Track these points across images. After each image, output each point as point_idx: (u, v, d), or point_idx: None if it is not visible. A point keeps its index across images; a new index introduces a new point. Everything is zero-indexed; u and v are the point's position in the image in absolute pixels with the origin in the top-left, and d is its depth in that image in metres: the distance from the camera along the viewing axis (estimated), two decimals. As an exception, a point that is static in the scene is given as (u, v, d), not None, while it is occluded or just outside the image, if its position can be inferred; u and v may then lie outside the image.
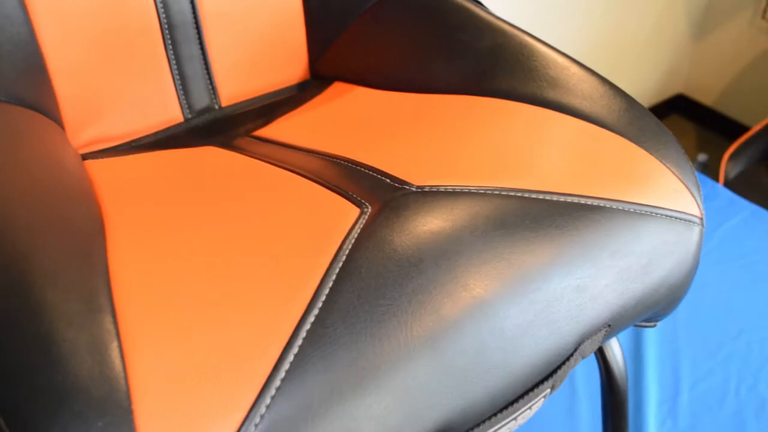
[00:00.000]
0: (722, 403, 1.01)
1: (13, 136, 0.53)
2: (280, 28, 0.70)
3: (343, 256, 0.43)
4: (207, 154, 0.61)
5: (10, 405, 0.35)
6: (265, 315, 0.39)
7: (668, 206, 0.50)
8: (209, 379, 0.36)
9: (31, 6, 0.57)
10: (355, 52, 0.70)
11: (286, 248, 0.44)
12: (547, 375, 0.45)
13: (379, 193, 0.48)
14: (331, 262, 0.42)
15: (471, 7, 0.65)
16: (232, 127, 0.67)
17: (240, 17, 0.67)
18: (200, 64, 0.67)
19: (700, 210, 0.52)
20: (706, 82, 1.84)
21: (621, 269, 0.47)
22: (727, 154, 1.54)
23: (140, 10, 0.63)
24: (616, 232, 0.47)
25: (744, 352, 1.08)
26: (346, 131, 0.60)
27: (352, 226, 0.45)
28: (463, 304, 0.41)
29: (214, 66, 0.68)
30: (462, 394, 0.41)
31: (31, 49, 0.58)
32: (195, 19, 0.65)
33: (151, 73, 0.65)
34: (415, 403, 0.39)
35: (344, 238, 0.44)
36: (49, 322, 0.38)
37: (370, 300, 0.40)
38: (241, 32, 0.68)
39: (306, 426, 0.36)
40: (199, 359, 0.37)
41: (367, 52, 0.69)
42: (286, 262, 0.43)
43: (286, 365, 0.37)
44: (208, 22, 0.66)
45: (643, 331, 1.10)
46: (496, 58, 0.61)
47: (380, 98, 0.65)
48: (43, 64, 0.59)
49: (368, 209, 0.46)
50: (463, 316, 0.41)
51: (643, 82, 1.78)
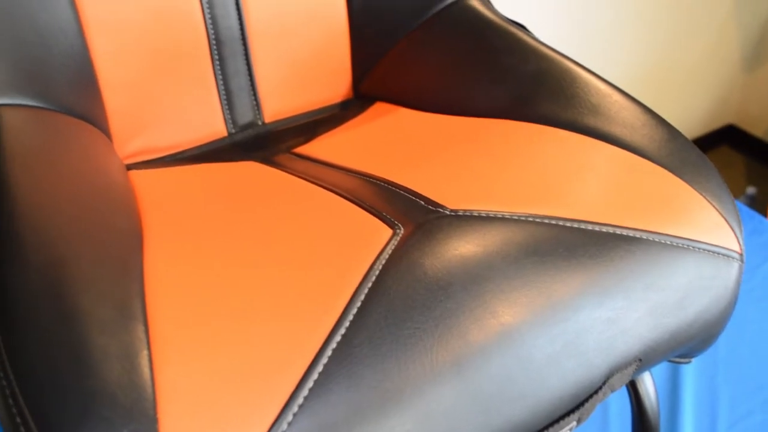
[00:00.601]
0: (761, 444, 0.99)
1: (61, 144, 0.54)
2: (325, 47, 0.71)
3: (373, 277, 0.43)
4: (247, 169, 0.62)
5: (40, 406, 0.36)
6: (292, 331, 0.40)
7: (706, 240, 0.49)
8: (234, 392, 0.37)
9: (85, 20, 0.59)
10: (399, 73, 0.70)
11: (318, 265, 0.45)
12: (574, 407, 0.44)
13: (413, 215, 0.48)
14: (360, 282, 0.43)
15: (515, 32, 0.65)
16: (273, 143, 0.68)
17: (286, 35, 0.69)
18: (246, 80, 0.68)
19: (740, 245, 0.51)
20: (758, 114, 1.80)
21: (655, 303, 0.46)
22: (777, 188, 1.50)
23: (190, 26, 0.64)
24: (651, 265, 0.47)
25: (786, 394, 1.05)
26: (386, 151, 0.60)
27: (384, 247, 0.45)
28: (491, 331, 0.41)
29: (259, 82, 0.69)
30: (485, 422, 0.40)
31: (84, 62, 0.60)
32: (242, 35, 0.66)
33: (198, 88, 0.67)
34: (438, 428, 0.39)
35: (375, 258, 0.44)
36: (82, 327, 0.39)
37: (398, 322, 0.40)
38: (286, 50, 0.69)
39: (327, 445, 0.36)
40: (225, 372, 0.38)
41: (411, 74, 0.69)
42: (316, 279, 0.43)
43: (310, 383, 0.37)
44: (255, 39, 0.67)
45: (680, 366, 1.08)
46: (538, 83, 0.60)
47: (421, 120, 0.65)
48: (94, 76, 0.61)
49: (401, 231, 0.47)
50: (490, 343, 0.41)
51: (693, 111, 1.76)
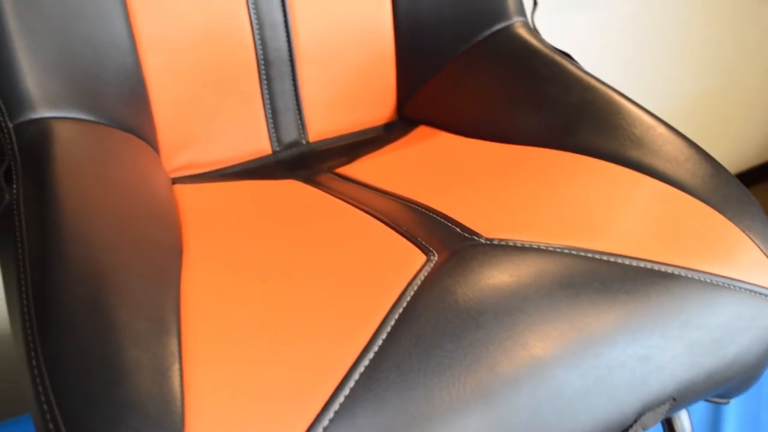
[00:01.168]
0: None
1: (109, 158, 0.56)
2: (371, 69, 0.72)
3: (404, 302, 0.43)
4: (289, 188, 0.62)
5: (72, 413, 0.37)
6: (321, 353, 0.40)
7: (748, 279, 0.48)
8: (260, 410, 0.37)
9: (139, 37, 0.61)
10: (443, 98, 0.71)
11: (351, 288, 0.45)
12: (604, 443, 0.44)
13: (448, 242, 0.48)
14: (392, 307, 0.43)
15: (561, 61, 0.65)
16: (316, 163, 0.69)
17: (333, 57, 0.70)
18: (292, 99, 0.69)
19: (782, 286, 0.50)
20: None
21: (691, 341, 0.45)
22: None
23: (240, 46, 0.66)
24: (689, 302, 0.46)
25: (834, 439, 1.02)
26: (426, 176, 0.61)
27: (417, 273, 0.45)
28: (521, 363, 0.41)
29: (305, 102, 0.70)
30: (511, 454, 0.40)
31: (136, 78, 0.62)
32: (290, 56, 0.68)
33: (245, 106, 0.68)
34: (462, 458, 0.39)
35: (408, 284, 0.44)
36: (117, 339, 0.40)
37: (426, 349, 0.40)
38: (333, 71, 0.70)
39: (350, 469, 0.37)
40: (253, 390, 0.38)
41: (455, 98, 0.70)
42: (348, 302, 0.44)
43: (336, 406, 0.38)
44: (303, 60, 0.68)
45: (722, 406, 1.05)
46: (582, 113, 0.60)
47: (463, 145, 0.65)
48: (145, 92, 0.63)
49: (435, 257, 0.47)
50: (520, 375, 0.41)
51: (740, 144, 1.72)
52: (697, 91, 1.51)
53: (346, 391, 0.38)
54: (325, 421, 0.37)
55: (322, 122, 0.71)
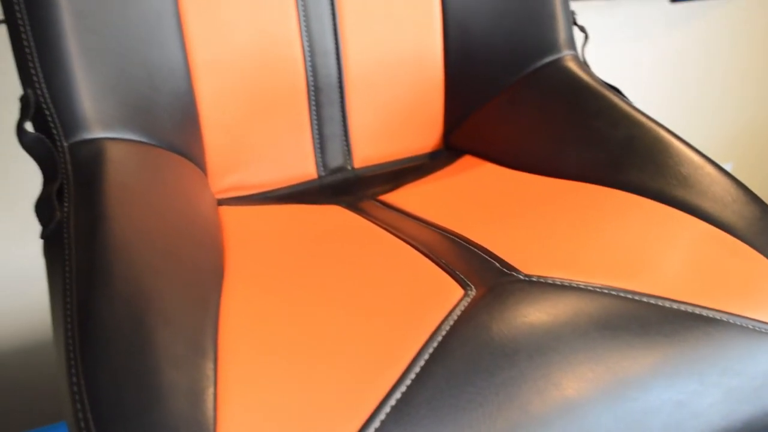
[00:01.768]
0: None
1: (158, 179, 0.57)
2: (420, 97, 0.72)
3: (439, 336, 0.43)
4: (332, 213, 0.63)
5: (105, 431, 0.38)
6: (353, 383, 0.40)
7: (792, 328, 0.47)
8: (290, 440, 0.37)
9: (194, 62, 0.62)
10: (490, 128, 0.71)
11: (387, 319, 0.45)
12: (637, 489, 0.43)
13: (486, 277, 0.48)
14: (426, 340, 0.43)
15: (609, 95, 0.64)
16: (360, 189, 0.69)
17: (383, 85, 0.70)
18: (339, 126, 0.70)
19: (829, 336, 0.48)
20: None
21: (730, 389, 0.44)
22: None
23: (291, 72, 0.67)
24: (729, 349, 0.45)
25: None
26: (468, 207, 0.61)
27: (454, 307, 0.45)
28: (553, 404, 0.40)
29: (352, 129, 0.71)
30: (540, 496, 0.40)
31: (188, 101, 0.63)
32: (340, 83, 0.69)
33: (294, 131, 0.69)
34: (489, 497, 0.39)
35: (444, 318, 0.44)
36: (155, 361, 0.41)
37: (459, 386, 0.40)
38: (381, 99, 0.71)
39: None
40: (283, 417, 0.38)
41: (501, 130, 0.70)
42: (384, 333, 0.44)
43: (366, 438, 0.38)
44: (352, 87, 0.69)
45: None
46: (629, 149, 0.60)
47: (508, 177, 0.65)
48: (197, 115, 0.64)
49: (472, 292, 0.47)
50: (551, 416, 0.40)
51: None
52: (740, 122, 1.49)
53: (377, 424, 0.38)
54: (354, 454, 0.37)
55: (368, 149, 0.72)
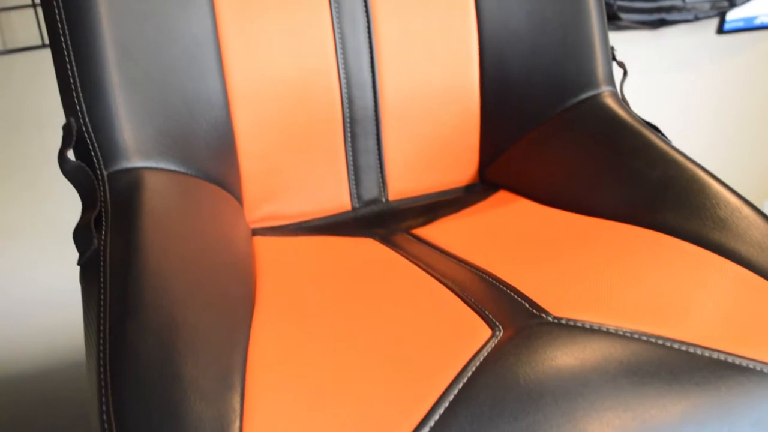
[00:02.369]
0: None
1: (194, 209, 0.58)
2: (455, 131, 0.72)
3: (465, 378, 0.43)
4: (365, 247, 0.63)
5: None
6: (378, 422, 0.40)
7: (831, 380, 0.46)
8: (311, 479, 0.37)
9: (232, 92, 0.64)
10: (525, 164, 0.71)
11: (414, 356, 0.45)
12: None
13: (515, 318, 0.48)
14: (452, 381, 0.43)
15: (647, 134, 0.64)
16: (394, 222, 0.69)
17: (419, 118, 0.71)
18: (375, 158, 0.71)
19: None
20: None
21: (763, 441, 0.43)
22: None
23: (328, 104, 0.68)
24: (762, 399, 0.44)
25: None
26: (501, 244, 0.60)
27: (481, 348, 0.45)
28: (578, 451, 0.40)
29: (387, 161, 0.71)
30: None
31: (226, 131, 0.64)
32: (376, 115, 0.69)
33: (329, 162, 0.70)
34: None
35: (470, 358, 0.44)
36: (183, 392, 0.41)
37: (483, 429, 0.40)
38: (417, 132, 0.71)
39: None
40: (307, 457, 0.39)
41: (537, 165, 0.69)
42: (409, 371, 0.44)
43: (387, 481, 0.38)
44: (388, 119, 0.70)
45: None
46: (665, 190, 0.59)
47: (542, 214, 0.65)
48: (234, 145, 0.65)
49: (500, 332, 0.46)
50: (576, 463, 0.40)
51: None
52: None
53: (399, 465, 0.38)
54: (374, 495, 0.37)
55: (403, 181, 0.72)
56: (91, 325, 0.49)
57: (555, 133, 0.69)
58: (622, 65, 0.71)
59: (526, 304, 0.49)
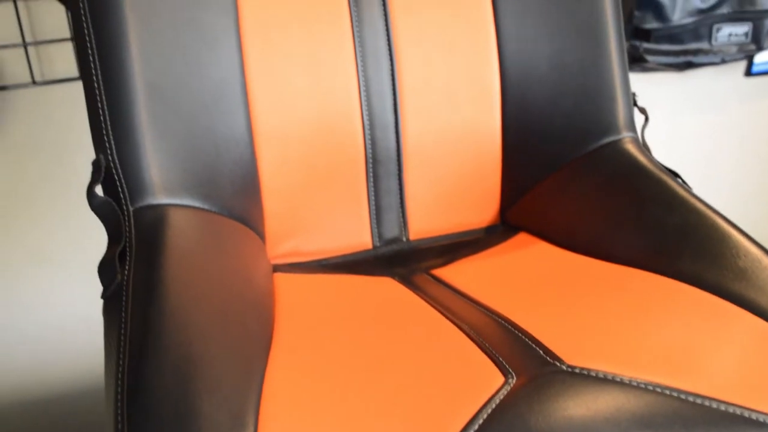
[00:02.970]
0: None
1: (216, 246, 0.59)
2: (477, 172, 0.73)
3: (476, 425, 0.43)
4: (384, 287, 0.64)
5: None
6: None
7: None
8: None
9: (257, 131, 0.65)
10: (546, 207, 0.71)
11: (426, 401, 0.45)
12: None
13: (529, 366, 0.48)
14: (463, 428, 0.43)
15: (666, 180, 0.64)
16: (414, 261, 0.70)
17: (440, 159, 0.71)
18: (396, 198, 0.71)
19: None
20: None
21: (778, 499, 0.43)
22: None
23: (351, 143, 0.69)
24: (778, 457, 0.43)
25: None
26: (518, 288, 0.61)
27: (493, 395, 0.45)
28: (588, 503, 0.40)
29: (409, 201, 0.72)
30: None
31: (250, 170, 0.65)
32: (398, 156, 0.70)
33: (351, 201, 0.71)
34: None
35: (482, 405, 0.44)
36: (198, 428, 0.42)
37: (492, 477, 0.40)
38: (439, 173, 0.72)
39: None
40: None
41: (557, 209, 0.70)
42: (421, 416, 0.44)
43: None
44: (410, 160, 0.70)
45: None
46: (684, 237, 0.59)
47: (561, 258, 0.65)
48: (258, 182, 0.66)
49: (513, 380, 0.46)
50: None
51: None
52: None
53: None
54: None
55: (424, 222, 0.73)
56: (111, 357, 0.50)
57: (575, 178, 0.70)
58: (643, 111, 0.71)
59: (541, 351, 0.49)
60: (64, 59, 1.10)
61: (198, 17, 0.62)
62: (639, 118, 0.71)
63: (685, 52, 1.19)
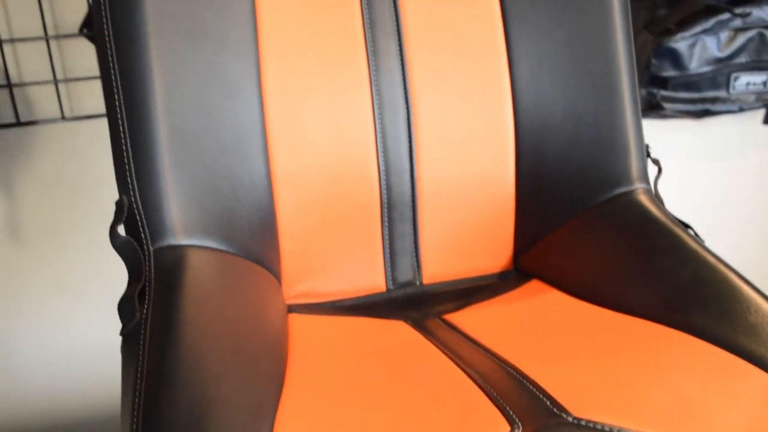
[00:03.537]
0: None
1: (233, 287, 0.60)
2: (490, 219, 0.74)
3: (481, 475, 0.43)
4: (396, 331, 0.65)
5: None
6: None
7: None
8: None
9: (275, 177, 0.67)
10: (558, 255, 0.72)
11: (434, 449, 0.46)
12: None
13: (535, 416, 0.48)
14: (468, 477, 0.43)
15: (678, 233, 0.64)
16: (427, 305, 0.71)
17: (454, 205, 0.73)
18: (410, 242, 0.73)
19: None
20: None
21: None
22: None
23: (367, 188, 0.70)
24: None
25: None
26: (529, 336, 0.61)
27: (498, 445, 0.46)
28: None
29: (423, 246, 0.73)
30: None
31: (268, 212, 0.67)
32: (413, 201, 0.71)
33: (366, 244, 0.72)
34: None
35: (487, 455, 0.45)
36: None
37: None
38: (453, 218, 0.73)
39: None
40: None
41: (569, 258, 0.70)
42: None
43: None
44: (424, 205, 0.72)
45: None
46: (695, 291, 0.59)
47: (572, 307, 0.65)
48: (275, 225, 0.68)
49: (519, 429, 0.47)
50: None
51: None
52: None
53: None
54: None
55: (438, 266, 0.74)
56: (128, 395, 0.51)
57: (588, 227, 0.71)
58: (656, 162, 0.72)
59: (547, 402, 0.50)
60: (93, 96, 1.13)
61: (220, 63, 0.64)
62: (652, 169, 0.72)
63: (702, 100, 1.20)
